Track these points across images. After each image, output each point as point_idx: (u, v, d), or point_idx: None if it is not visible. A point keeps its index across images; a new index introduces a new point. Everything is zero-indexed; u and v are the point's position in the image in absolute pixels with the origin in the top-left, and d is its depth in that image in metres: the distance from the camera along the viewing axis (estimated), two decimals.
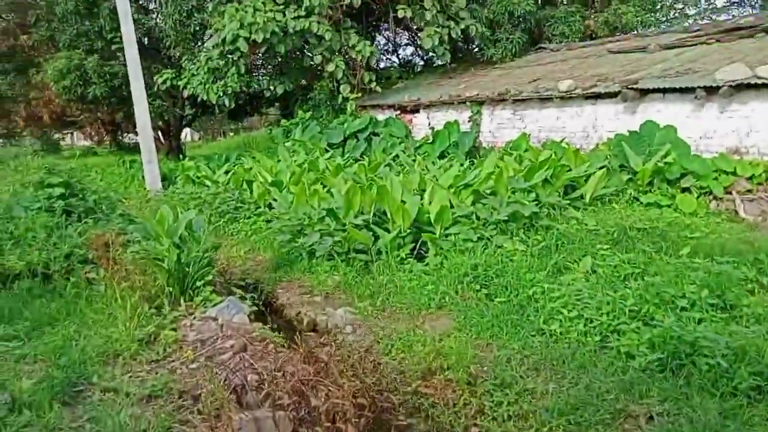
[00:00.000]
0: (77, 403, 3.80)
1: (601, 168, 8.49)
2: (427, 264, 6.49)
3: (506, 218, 6.73)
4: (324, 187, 9.42)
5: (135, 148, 29.36)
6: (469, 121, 13.29)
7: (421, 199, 7.41)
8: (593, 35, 17.07)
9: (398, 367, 4.63)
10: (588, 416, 3.71)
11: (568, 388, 4.06)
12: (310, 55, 15.78)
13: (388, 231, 7.06)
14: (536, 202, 7.23)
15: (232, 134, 43.84)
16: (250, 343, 4.79)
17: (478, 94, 12.98)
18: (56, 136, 29.84)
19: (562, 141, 10.25)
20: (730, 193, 7.86)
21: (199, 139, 46.84)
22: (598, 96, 10.21)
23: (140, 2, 21.13)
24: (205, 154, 22.17)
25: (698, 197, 7.94)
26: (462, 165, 10.05)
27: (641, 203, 8.10)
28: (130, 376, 4.34)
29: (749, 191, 7.77)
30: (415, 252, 6.88)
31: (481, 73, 15.93)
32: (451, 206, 7.14)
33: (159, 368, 4.55)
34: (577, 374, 4.21)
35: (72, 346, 4.53)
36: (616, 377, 4.09)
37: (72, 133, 32.51)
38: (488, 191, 7.50)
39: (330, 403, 3.95)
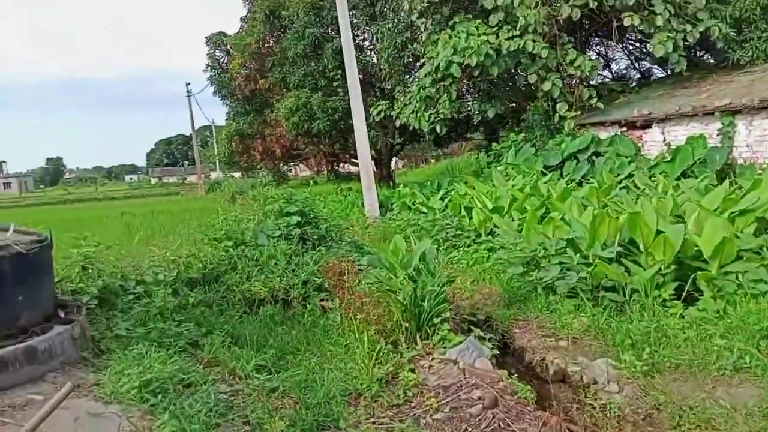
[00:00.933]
0: None
1: None
2: (703, 310, 5.25)
3: None
4: (548, 213, 8.56)
5: (350, 177, 31.55)
6: (718, 135, 11.30)
7: (685, 227, 6.14)
8: None
9: None
10: None
11: None
12: (524, 75, 15.07)
13: (641, 266, 5.95)
14: None
15: (433, 161, 44.86)
16: (501, 396, 4.16)
17: (731, 103, 10.97)
18: (284, 167, 33.35)
19: None
20: None
21: (403, 166, 48.86)
22: None
23: (356, 41, 22.56)
24: (413, 180, 22.59)
25: None
26: (722, 185, 8.35)
27: None
28: (374, 422, 4.00)
29: None
30: (683, 294, 5.65)
31: (726, 79, 13.59)
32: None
33: (401, 415, 4.15)
34: None
35: (316, 382, 4.36)
36: None
37: (297, 165, 36.03)
38: None
39: None
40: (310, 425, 3.65)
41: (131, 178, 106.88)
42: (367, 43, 23.85)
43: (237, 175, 38.23)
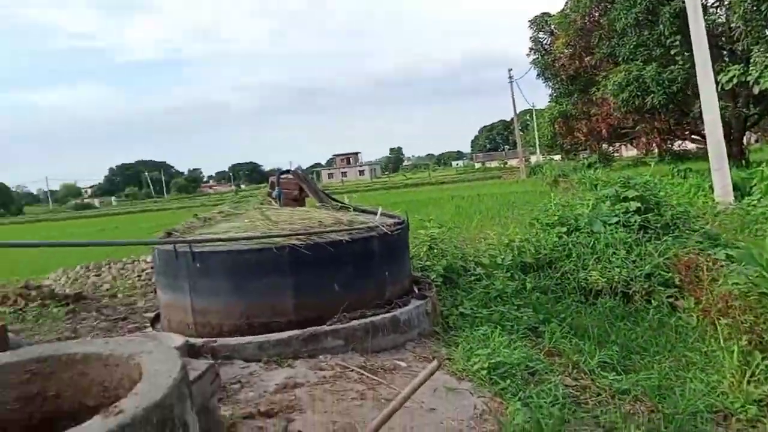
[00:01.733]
0: None
1: None
2: None
3: None
4: None
5: (686, 156, 27.82)
6: None
7: None
8: None
9: None
10: None
11: None
12: None
13: None
14: None
15: None
16: None
17: None
18: (609, 148, 31.35)
19: None
20: None
21: (756, 141, 40.75)
22: None
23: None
24: None
25: None
26: None
27: None
28: None
29: None
30: None
31: None
32: None
33: None
34: None
35: (673, 390, 3.88)
36: None
37: (623, 145, 33.50)
38: None
39: None
40: None
41: (457, 163, 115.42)
42: (712, 0, 20.48)
43: (557, 157, 37.56)
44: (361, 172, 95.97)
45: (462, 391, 3.74)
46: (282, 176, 6.83)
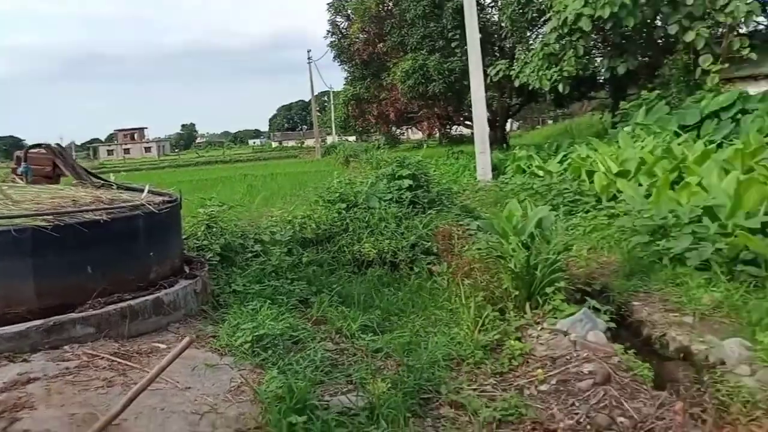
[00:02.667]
0: (426, 415, 3.52)
1: None
2: None
3: None
4: (681, 178, 7.78)
5: (461, 140, 30.99)
6: None
7: None
8: None
9: None
10: None
11: None
12: (664, 25, 13.65)
13: None
14: None
15: (551, 122, 42.64)
16: (614, 372, 3.88)
17: None
18: (397, 131, 33.51)
19: None
20: None
21: (518, 128, 47.01)
22: None
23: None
24: (528, 143, 21.66)
25: None
26: None
27: None
28: (476, 389, 3.92)
29: None
30: None
31: None
32: None
33: (505, 383, 4.03)
34: None
35: (419, 345, 4.35)
36: None
37: (409, 129, 36.08)
38: None
39: None
40: (411, 388, 3.64)
41: (254, 142, 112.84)
42: (488, 0, 22.99)
43: (352, 139, 39.10)
44: (148, 149, 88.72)
45: (222, 367, 3.74)
46: (31, 151, 6.04)
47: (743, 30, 15.06)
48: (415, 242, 6.66)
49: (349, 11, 28.10)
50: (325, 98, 64.22)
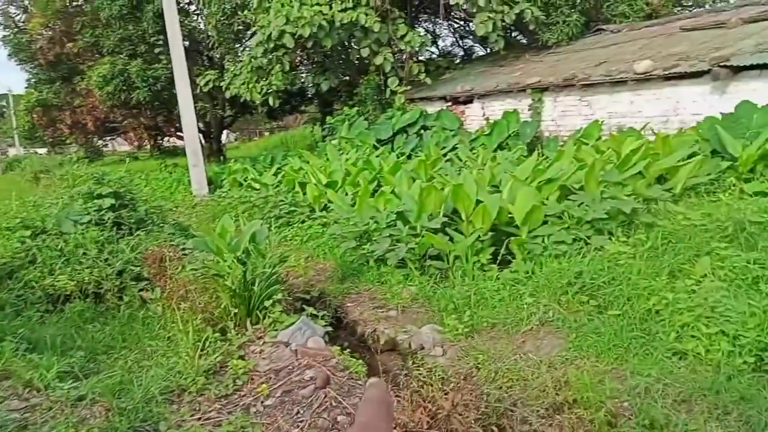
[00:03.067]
0: None
1: (690, 155, 7.55)
2: (515, 271, 5.72)
3: (604, 216, 5.90)
4: (380, 186, 8.76)
5: (175, 152, 29.43)
6: (529, 110, 12.40)
7: (500, 197, 6.63)
8: (654, 14, 15.92)
9: (509, 399, 3.90)
10: None
11: (739, 428, 3.25)
12: (357, 48, 15.13)
13: (463, 234, 6.34)
14: (632, 197, 6.37)
15: (267, 134, 43.68)
16: (333, 374, 4.13)
17: (539, 81, 12.07)
18: (99, 142, 30.08)
19: (644, 127, 9.30)
20: None
21: (236, 140, 46.93)
22: (681, 76, 9.22)
23: (181, 5, 20.88)
24: (245, 155, 21.78)
25: None
26: (532, 157, 9.20)
27: (746, 193, 7.12)
28: (200, 418, 3.74)
29: None
30: (498, 258, 6.11)
31: (536, 58, 14.96)
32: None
33: (231, 405, 3.94)
34: (742, 408, 3.40)
35: (132, 383, 3.95)
36: None
37: (114, 139, 32.76)
38: (576, 186, 6.67)
39: None
40: None
41: None
42: (193, 7, 22.19)
43: (42, 151, 33.62)
44: None
45: None
46: None
47: (421, 57, 17.75)
48: (122, 268, 6.04)
49: (27, 2, 24.14)
50: (4, 103, 53.82)
